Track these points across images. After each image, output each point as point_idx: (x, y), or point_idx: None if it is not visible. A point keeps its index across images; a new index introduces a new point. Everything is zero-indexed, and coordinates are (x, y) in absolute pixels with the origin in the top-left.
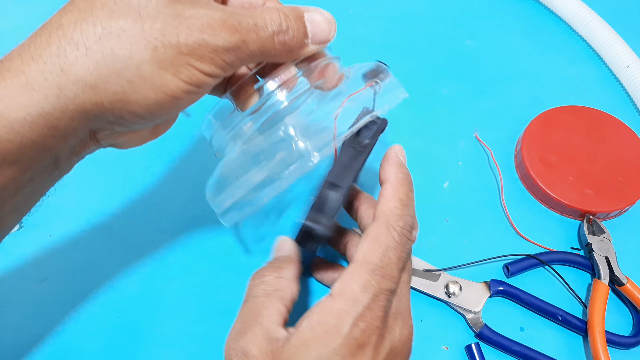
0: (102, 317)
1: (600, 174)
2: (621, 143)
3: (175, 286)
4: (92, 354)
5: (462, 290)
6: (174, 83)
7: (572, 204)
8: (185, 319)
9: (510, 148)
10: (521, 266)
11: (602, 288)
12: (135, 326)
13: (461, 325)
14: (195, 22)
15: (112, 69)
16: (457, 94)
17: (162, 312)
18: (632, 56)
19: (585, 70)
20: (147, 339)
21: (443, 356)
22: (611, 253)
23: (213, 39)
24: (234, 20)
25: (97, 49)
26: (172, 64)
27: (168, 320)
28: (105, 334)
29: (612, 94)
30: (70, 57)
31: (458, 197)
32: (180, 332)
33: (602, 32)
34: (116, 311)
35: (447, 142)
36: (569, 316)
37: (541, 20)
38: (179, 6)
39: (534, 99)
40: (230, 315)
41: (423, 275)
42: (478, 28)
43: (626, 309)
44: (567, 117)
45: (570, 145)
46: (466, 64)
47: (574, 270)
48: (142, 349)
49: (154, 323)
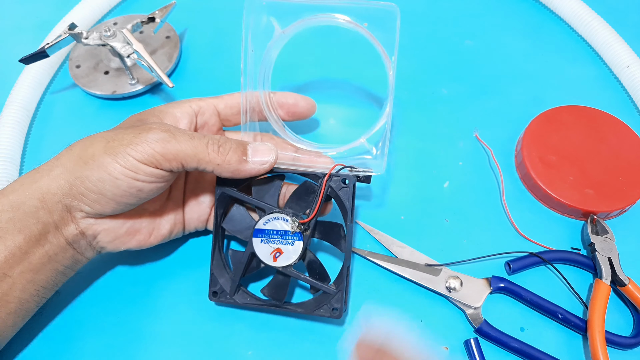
0: (102, 317)
1: (601, 174)
2: (621, 143)
3: (175, 286)
4: (92, 354)
5: (463, 285)
6: (112, 165)
7: (573, 204)
8: (185, 319)
9: (510, 148)
10: (523, 264)
11: (603, 288)
12: (135, 326)
13: (461, 321)
14: (141, 127)
15: (80, 158)
16: (457, 94)
17: (162, 312)
18: (632, 56)
19: (586, 70)
20: (147, 339)
21: (443, 355)
22: (614, 253)
23: (149, 134)
24: (174, 128)
25: (77, 149)
26: (113, 152)
27: (168, 320)
28: (106, 334)
29: (612, 94)
30: (63, 153)
31: (458, 197)
32: (180, 332)
33: (602, 32)
34: (116, 311)
35: (447, 142)
36: (569, 315)
37: (541, 20)
38: (137, 123)
39: (534, 99)
40: (230, 315)
41: (424, 269)
42: (478, 28)
43: (627, 310)
44: (567, 117)
45: (570, 145)
46: (466, 64)
47: (576, 270)
48: (142, 349)
49: (154, 323)
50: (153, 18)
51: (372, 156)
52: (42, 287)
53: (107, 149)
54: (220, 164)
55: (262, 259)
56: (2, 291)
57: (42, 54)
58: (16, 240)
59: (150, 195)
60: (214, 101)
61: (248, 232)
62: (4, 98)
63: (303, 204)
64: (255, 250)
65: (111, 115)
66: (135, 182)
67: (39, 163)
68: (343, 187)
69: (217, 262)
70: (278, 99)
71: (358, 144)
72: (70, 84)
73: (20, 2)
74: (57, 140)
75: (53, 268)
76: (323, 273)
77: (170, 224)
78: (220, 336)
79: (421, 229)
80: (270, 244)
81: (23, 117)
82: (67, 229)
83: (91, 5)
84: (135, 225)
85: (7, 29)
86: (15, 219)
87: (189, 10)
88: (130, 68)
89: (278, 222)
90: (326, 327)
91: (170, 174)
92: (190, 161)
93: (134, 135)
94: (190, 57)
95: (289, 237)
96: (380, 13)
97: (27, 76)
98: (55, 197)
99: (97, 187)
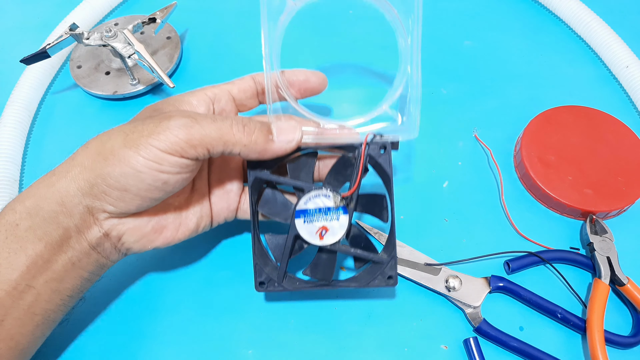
0: (102, 318)
1: (600, 174)
2: (620, 143)
3: (175, 286)
4: (92, 354)
5: (462, 284)
6: (134, 158)
7: (572, 204)
8: (185, 319)
9: (509, 148)
10: (522, 263)
11: (602, 287)
12: (135, 326)
13: (460, 320)
14: (160, 115)
15: (99, 154)
16: (457, 94)
17: (162, 312)
18: (631, 56)
19: (584, 70)
20: (147, 339)
21: (442, 354)
22: (613, 253)
23: (170, 121)
24: (194, 113)
25: (94, 145)
26: (134, 144)
27: (168, 320)
28: (105, 334)
29: (611, 94)
30: (78, 152)
31: (457, 197)
32: (180, 332)
33: (601, 32)
34: (116, 311)
35: (446, 142)
36: (568, 314)
37: (540, 20)
38: (154, 113)
39: (533, 99)
40: (230, 315)
41: (424, 268)
42: (477, 28)
43: (626, 309)
44: (566, 117)
45: (569, 145)
46: (465, 64)
47: (575, 269)
48: (142, 349)
49: (154, 323)
50: (154, 19)
51: (398, 123)
52: (67, 296)
53: (127, 141)
54: (247, 145)
55: (307, 240)
56: (28, 303)
57: (43, 55)
58: (37, 249)
59: (176, 187)
60: (227, 87)
61: (286, 213)
62: (5, 98)
63: (341, 178)
64: (299, 231)
65: (112, 116)
66: (160, 175)
67: (40, 163)
68: (381, 154)
69: (259, 251)
70: (288, 77)
71: (381, 111)
72: (72, 85)
73: (22, 3)
74: (58, 140)
75: (78, 275)
76: (369, 245)
77: (197, 217)
78: (221, 336)
79: (421, 228)
80: (315, 222)
81: (24, 117)
82: (90, 232)
83: (92, 5)
84: (161, 222)
85: (8, 30)
86: (35, 227)
87: (190, 11)
88: (131, 68)
89: (319, 199)
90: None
91: (196, 163)
92: (216, 145)
93: (155, 125)
94: (191, 58)
95: (333, 212)
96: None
97: (28, 76)
98: (75, 199)
99: (120, 184)
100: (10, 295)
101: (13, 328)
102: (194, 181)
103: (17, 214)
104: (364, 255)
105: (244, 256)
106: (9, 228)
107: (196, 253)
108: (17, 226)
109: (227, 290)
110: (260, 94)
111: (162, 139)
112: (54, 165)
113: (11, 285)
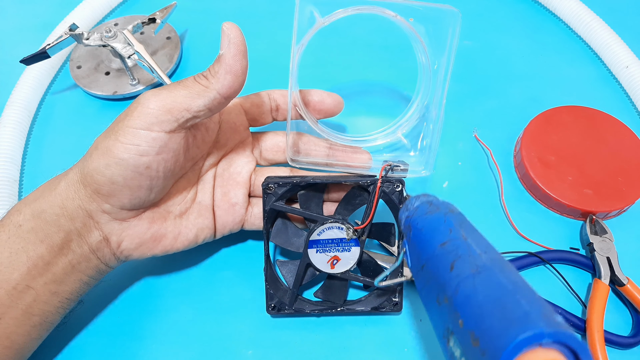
0: (102, 317)
1: (600, 174)
2: (620, 143)
3: (175, 286)
4: (92, 354)
5: None
6: (114, 146)
7: (572, 204)
8: (185, 319)
9: (509, 148)
10: (521, 264)
11: (602, 288)
12: (134, 326)
13: None
14: (137, 99)
15: (88, 153)
16: (457, 94)
17: (162, 312)
18: (631, 57)
19: (584, 70)
20: (147, 339)
21: (442, 355)
22: (613, 253)
23: (140, 98)
24: (161, 87)
25: (87, 150)
26: (113, 132)
27: (168, 320)
28: (105, 334)
29: (611, 95)
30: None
31: (457, 197)
32: (180, 332)
33: (601, 32)
34: (116, 311)
35: (446, 142)
36: (568, 314)
37: (540, 20)
38: None
39: (533, 99)
40: (230, 315)
41: None
42: (477, 29)
43: (626, 310)
44: (566, 118)
45: (569, 146)
46: (465, 64)
47: (575, 270)
48: (142, 349)
49: (154, 323)
50: (154, 19)
51: (410, 153)
52: (66, 299)
53: (108, 132)
54: (214, 81)
55: (319, 268)
56: (26, 304)
57: (43, 55)
58: (38, 251)
59: (160, 172)
60: (239, 100)
61: (298, 242)
62: (5, 98)
63: (350, 208)
64: (311, 260)
65: (112, 116)
66: (141, 158)
67: (40, 163)
68: (395, 190)
69: (270, 277)
70: (303, 97)
71: (394, 138)
72: (71, 85)
73: (22, 3)
74: (58, 140)
75: (77, 278)
76: (378, 270)
77: (197, 229)
78: (220, 336)
79: None
80: (327, 253)
81: (24, 117)
82: (91, 236)
83: (92, 6)
84: (161, 230)
85: (8, 30)
86: (37, 229)
87: (190, 11)
88: (131, 69)
89: (332, 231)
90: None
91: (175, 138)
92: (190, 102)
93: (128, 108)
94: (190, 58)
95: (345, 244)
96: (436, 14)
97: (28, 77)
98: (74, 202)
99: (107, 177)
100: (9, 294)
101: (10, 327)
102: (197, 193)
103: (21, 215)
104: (370, 283)
105: (244, 256)
106: (12, 228)
107: (196, 253)
108: (20, 227)
109: (227, 290)
110: (274, 110)
111: (135, 116)
112: (53, 165)
113: (11, 284)
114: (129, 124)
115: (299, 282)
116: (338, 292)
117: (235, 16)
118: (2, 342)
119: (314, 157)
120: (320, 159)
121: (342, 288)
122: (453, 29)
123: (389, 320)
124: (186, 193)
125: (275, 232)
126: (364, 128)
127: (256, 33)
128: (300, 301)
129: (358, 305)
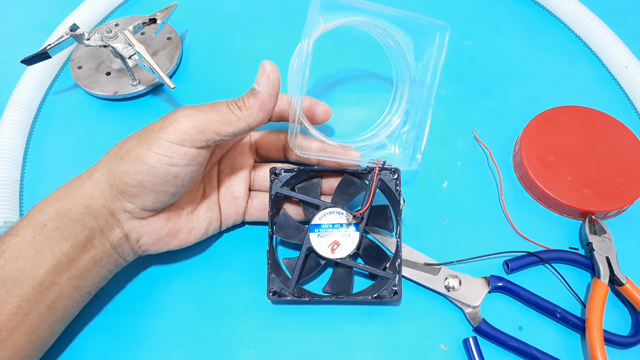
0: (102, 317)
1: (599, 174)
2: (619, 143)
3: (175, 286)
4: (92, 354)
5: (462, 284)
6: (147, 154)
7: (571, 204)
8: (186, 319)
9: (509, 148)
10: (521, 263)
11: (601, 287)
12: (135, 326)
13: (459, 320)
14: (168, 114)
15: (116, 156)
16: (456, 94)
17: (163, 312)
18: (630, 57)
19: (584, 70)
20: (148, 338)
21: (442, 353)
22: (612, 253)
23: (175, 114)
24: (196, 105)
25: (113, 150)
26: (146, 142)
27: (168, 319)
28: (106, 334)
29: (610, 95)
30: (101, 159)
31: (457, 196)
32: (181, 332)
33: (601, 33)
34: (116, 311)
35: (446, 142)
36: (567, 314)
37: (539, 21)
38: None
39: (533, 100)
40: (230, 315)
41: (423, 268)
42: (476, 29)
43: (625, 309)
44: (565, 118)
45: (568, 145)
46: (465, 64)
47: (574, 269)
48: (143, 349)
49: (155, 322)
50: (154, 19)
51: (393, 152)
52: (86, 293)
53: (140, 140)
54: (247, 115)
55: (319, 252)
56: (51, 299)
57: (44, 55)
58: (63, 248)
59: (185, 181)
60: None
61: (300, 235)
62: (6, 99)
63: (346, 197)
64: (312, 244)
65: (113, 116)
66: (171, 169)
67: (41, 163)
68: (392, 178)
69: (272, 262)
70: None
71: (379, 140)
72: (72, 85)
73: (22, 3)
74: (59, 140)
75: (98, 273)
76: (380, 254)
77: (207, 222)
78: (220, 336)
79: (420, 228)
80: (327, 237)
81: (25, 117)
82: (113, 233)
83: (93, 6)
84: (176, 226)
85: (9, 30)
86: (62, 227)
87: (190, 12)
88: (132, 69)
89: (333, 215)
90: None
91: (202, 153)
92: (221, 128)
93: (162, 120)
94: (191, 58)
95: (345, 228)
96: (426, 27)
97: (29, 77)
98: (98, 202)
99: (136, 180)
100: (35, 290)
101: (36, 322)
102: (205, 189)
103: (45, 215)
104: (371, 271)
105: (245, 256)
106: (36, 227)
107: (197, 253)
108: (44, 226)
109: (227, 290)
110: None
111: (170, 131)
112: (54, 165)
113: (37, 281)
114: (163, 137)
115: (300, 268)
116: (345, 283)
117: (235, 17)
118: (29, 337)
119: (309, 151)
120: (314, 152)
121: (348, 277)
122: (441, 40)
123: (389, 320)
124: (196, 190)
125: (278, 227)
126: (354, 125)
127: (256, 33)
128: (301, 290)
129: (358, 295)
